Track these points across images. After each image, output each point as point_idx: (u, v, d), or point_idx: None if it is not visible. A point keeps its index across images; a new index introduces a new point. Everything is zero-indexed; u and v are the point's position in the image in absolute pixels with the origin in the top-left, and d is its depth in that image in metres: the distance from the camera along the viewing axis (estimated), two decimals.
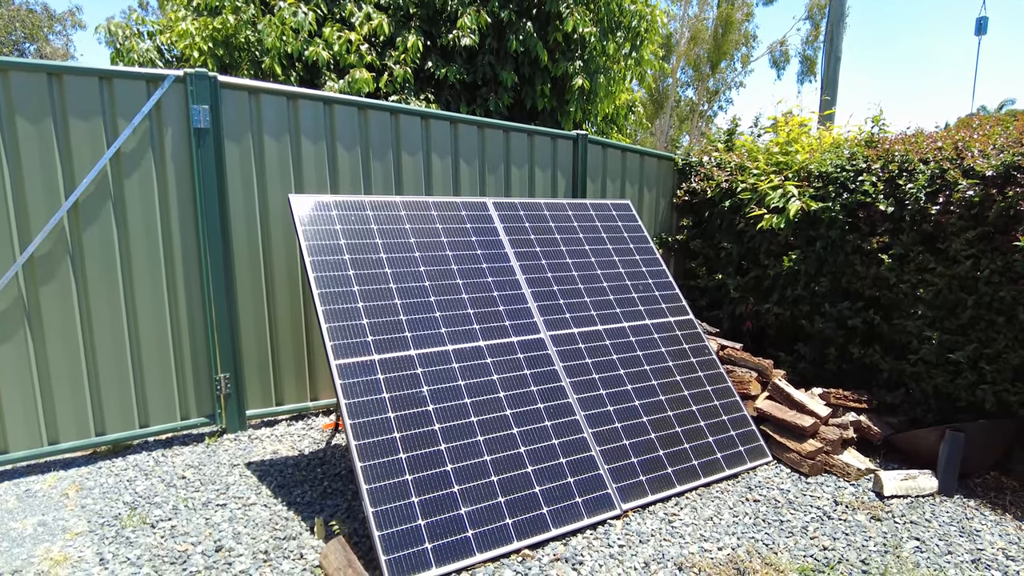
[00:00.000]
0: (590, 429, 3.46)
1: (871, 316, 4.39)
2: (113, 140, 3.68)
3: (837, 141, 5.14)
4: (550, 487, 3.13)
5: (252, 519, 3.16)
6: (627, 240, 4.66)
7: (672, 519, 3.25)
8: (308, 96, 4.22)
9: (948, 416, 4.07)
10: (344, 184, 4.44)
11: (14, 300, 3.49)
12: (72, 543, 2.92)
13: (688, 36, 26.96)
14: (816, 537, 3.12)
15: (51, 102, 3.49)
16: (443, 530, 2.77)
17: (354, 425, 2.92)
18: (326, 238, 3.52)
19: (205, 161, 3.91)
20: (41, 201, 3.51)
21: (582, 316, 3.99)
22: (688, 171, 6.04)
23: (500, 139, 5.06)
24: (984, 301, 3.71)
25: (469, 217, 4.09)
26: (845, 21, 11.75)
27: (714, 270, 5.75)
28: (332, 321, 3.22)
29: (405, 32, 6.89)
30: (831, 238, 4.57)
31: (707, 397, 4.03)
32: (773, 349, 5.25)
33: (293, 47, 6.47)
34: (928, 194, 4.05)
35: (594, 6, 7.68)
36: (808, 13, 26.61)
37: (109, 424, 3.83)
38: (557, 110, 7.95)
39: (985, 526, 3.27)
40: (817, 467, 3.82)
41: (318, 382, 4.56)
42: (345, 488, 3.51)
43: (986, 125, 4.27)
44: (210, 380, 4.13)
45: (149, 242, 3.85)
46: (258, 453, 3.94)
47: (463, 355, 3.42)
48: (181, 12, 6.98)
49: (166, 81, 3.77)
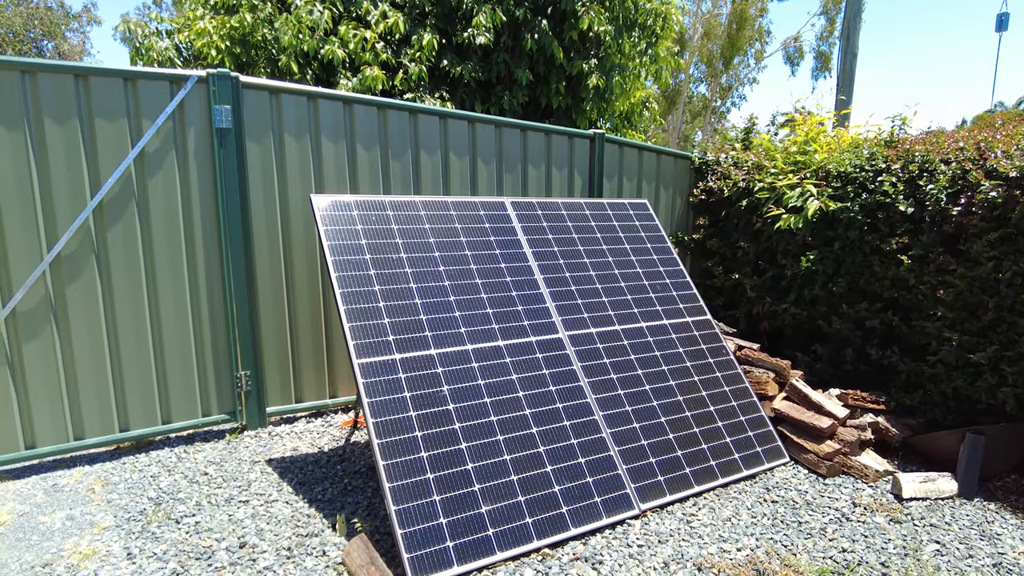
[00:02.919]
0: (609, 429, 3.48)
1: (889, 317, 4.37)
2: (137, 140, 3.73)
3: (856, 141, 5.10)
4: (569, 486, 3.14)
5: (274, 516, 3.20)
6: (644, 239, 4.66)
7: (691, 519, 3.26)
8: (328, 96, 4.25)
9: (967, 418, 4.05)
10: (363, 183, 4.47)
11: (41, 298, 3.55)
12: (100, 537, 2.98)
13: (701, 32, 26.80)
14: (835, 539, 3.12)
15: (77, 103, 3.53)
16: (464, 528, 2.80)
17: (376, 424, 2.95)
18: (347, 238, 3.55)
19: (227, 161, 3.95)
20: (67, 201, 3.56)
21: (600, 316, 4.00)
22: (705, 170, 6.02)
23: (517, 138, 5.06)
24: (1006, 303, 3.68)
25: (488, 217, 4.10)
26: (861, 16, 11.64)
27: (731, 269, 5.73)
28: (354, 320, 3.25)
29: (420, 30, 6.90)
30: (849, 238, 4.55)
31: (725, 398, 4.03)
32: (790, 349, 5.24)
33: (309, 45, 6.50)
34: (949, 195, 4.02)
35: (609, 4, 7.65)
36: (823, 8, 26.38)
37: (132, 420, 3.90)
38: (572, 108, 7.94)
39: (1006, 530, 3.26)
40: (835, 468, 3.81)
41: (337, 379, 4.60)
42: (365, 485, 3.54)
43: (1009, 125, 4.23)
44: (231, 377, 4.18)
45: (171, 241, 3.90)
46: (278, 450, 3.98)
47: (482, 354, 3.44)
48: (199, 11, 7.03)
49: (189, 82, 3.81)
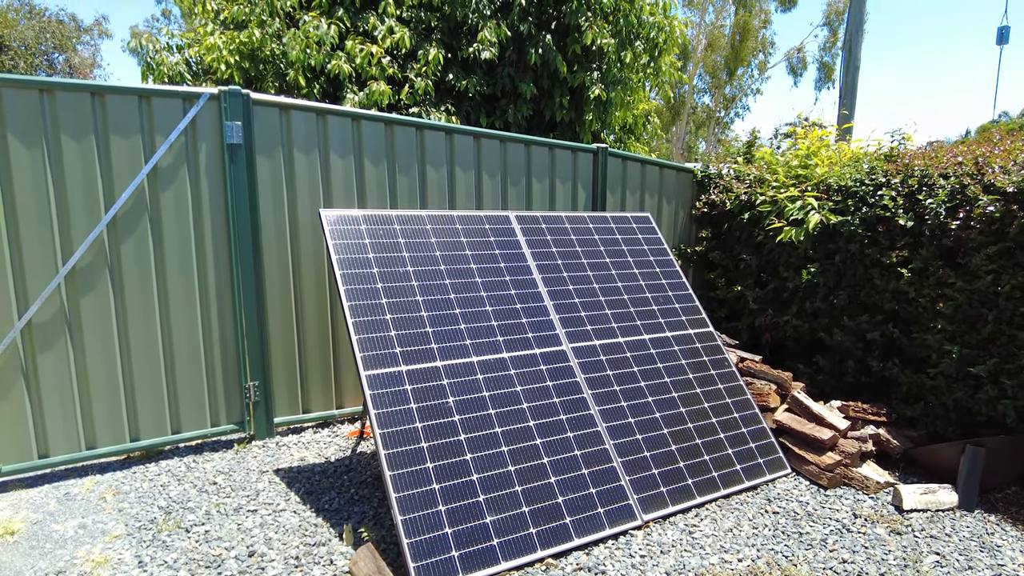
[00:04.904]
0: (611, 440, 3.53)
1: (890, 329, 4.41)
2: (151, 156, 3.82)
3: (856, 155, 5.17)
4: (573, 497, 3.19)
5: (282, 525, 3.25)
6: (647, 252, 4.73)
7: (692, 530, 3.30)
8: (336, 112, 4.34)
9: (968, 430, 4.08)
10: (371, 197, 4.55)
11: (56, 310, 3.63)
12: (111, 545, 3.04)
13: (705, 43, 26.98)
14: (835, 550, 3.16)
15: (93, 120, 3.63)
16: (469, 538, 2.85)
17: (383, 435, 3.01)
18: (355, 252, 3.63)
19: (237, 176, 4.04)
20: (82, 215, 3.65)
21: (603, 328, 4.06)
22: (707, 183, 6.09)
23: (522, 153, 5.14)
24: (1005, 316, 3.73)
25: (492, 231, 4.18)
26: (864, 29, 11.72)
27: (733, 281, 5.79)
28: (361, 332, 3.31)
29: (426, 45, 7.01)
30: (850, 251, 4.61)
31: (727, 409, 4.07)
32: (791, 361, 5.28)
33: (316, 60, 6.62)
34: (948, 209, 4.08)
35: (612, 18, 7.76)
36: (826, 20, 26.57)
37: (143, 430, 3.96)
38: (576, 121, 8.03)
39: (1006, 541, 3.29)
40: (836, 480, 3.85)
41: (343, 390, 4.66)
42: (371, 495, 3.60)
43: (1007, 140, 4.29)
44: (240, 388, 4.25)
45: (183, 254, 3.98)
46: (286, 460, 4.04)
47: (487, 366, 3.50)
48: (209, 26, 7.16)
49: (201, 99, 3.90)
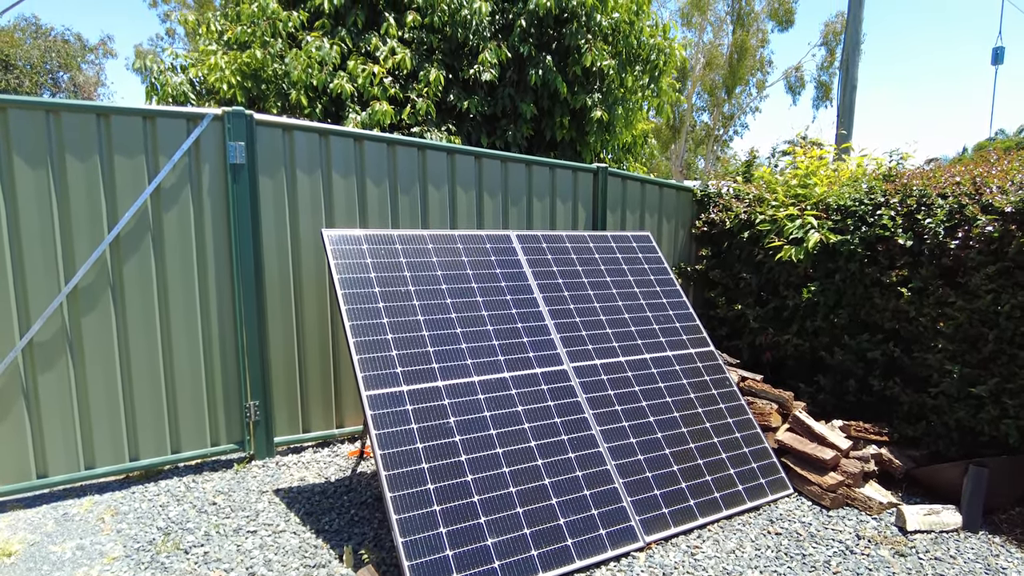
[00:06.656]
0: (613, 461, 3.51)
1: (891, 349, 4.41)
2: (154, 176, 3.85)
3: (855, 175, 5.20)
4: (574, 519, 3.17)
5: (282, 546, 3.23)
6: (647, 271, 4.74)
7: (695, 552, 3.28)
8: (339, 132, 4.38)
9: (971, 450, 4.06)
10: (372, 217, 4.57)
11: (58, 329, 3.63)
12: (109, 567, 3.01)
13: (703, 62, 27.25)
14: (839, 572, 3.13)
15: (98, 141, 3.66)
16: (470, 561, 2.83)
17: (384, 455, 3.00)
18: (357, 271, 3.64)
19: (240, 195, 4.06)
20: (85, 235, 3.67)
21: (604, 348, 4.06)
22: (707, 202, 6.12)
23: (523, 172, 5.18)
24: (1005, 336, 3.73)
25: (493, 250, 4.19)
26: (860, 49, 11.85)
27: (733, 300, 5.80)
28: (363, 352, 3.31)
29: (428, 66, 7.09)
30: (850, 270, 4.62)
31: (728, 429, 4.06)
32: (793, 380, 5.27)
33: (318, 80, 6.69)
34: (947, 229, 4.10)
35: (612, 40, 7.85)
36: (823, 39, 26.85)
37: (143, 449, 3.95)
38: (576, 140, 8.09)
39: (1011, 563, 3.26)
40: (838, 500, 3.83)
41: (344, 409, 4.65)
42: (372, 516, 3.57)
43: (1004, 160, 4.33)
44: (240, 407, 4.24)
45: (185, 274, 3.99)
46: (286, 480, 4.02)
47: (488, 386, 3.50)
48: (212, 46, 7.24)
49: (205, 119, 3.94)
